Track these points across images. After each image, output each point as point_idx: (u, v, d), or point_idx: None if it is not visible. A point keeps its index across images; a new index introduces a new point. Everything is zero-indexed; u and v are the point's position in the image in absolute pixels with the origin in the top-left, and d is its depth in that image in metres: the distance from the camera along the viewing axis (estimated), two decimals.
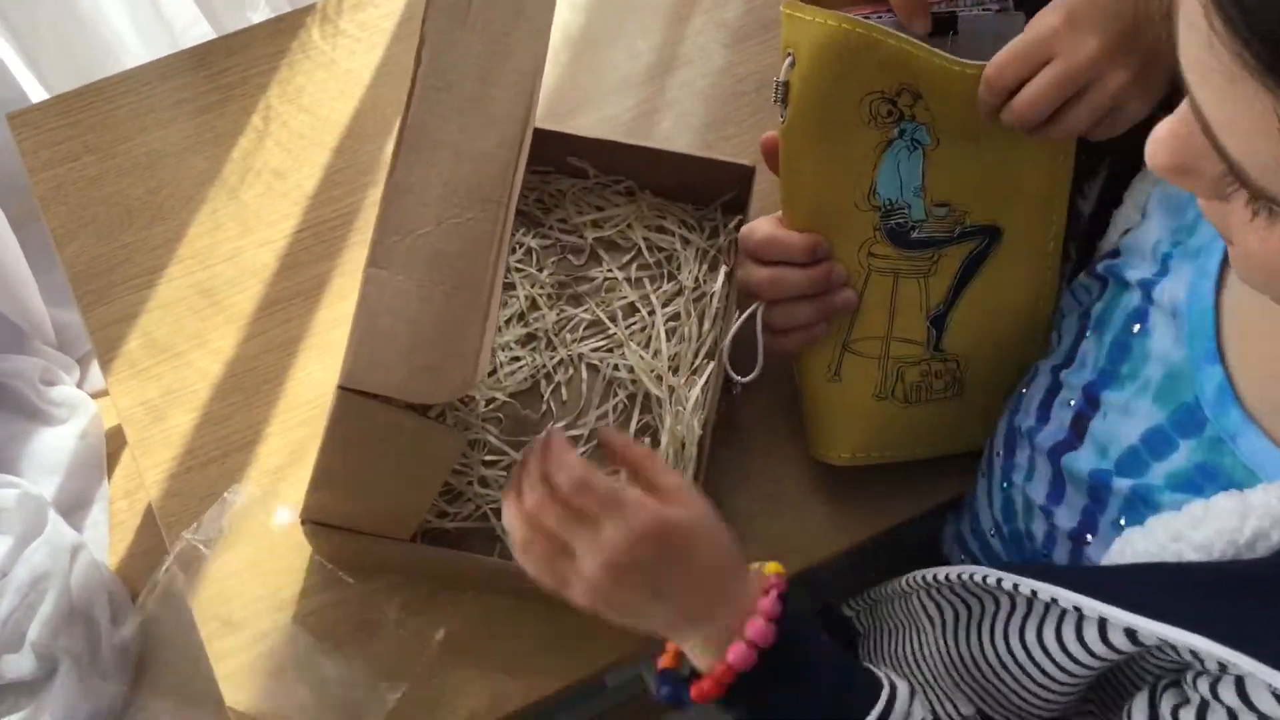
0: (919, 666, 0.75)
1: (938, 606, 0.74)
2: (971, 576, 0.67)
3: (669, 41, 1.06)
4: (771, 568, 0.67)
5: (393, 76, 1.03)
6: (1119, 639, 0.57)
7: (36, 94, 1.41)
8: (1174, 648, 0.55)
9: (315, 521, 0.77)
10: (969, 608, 0.71)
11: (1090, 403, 0.70)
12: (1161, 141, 0.47)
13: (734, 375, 0.82)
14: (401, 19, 1.06)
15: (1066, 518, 0.69)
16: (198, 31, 1.44)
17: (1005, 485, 0.76)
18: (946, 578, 0.70)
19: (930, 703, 0.70)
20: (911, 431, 0.83)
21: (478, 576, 0.81)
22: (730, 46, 1.05)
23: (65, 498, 1.40)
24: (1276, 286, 0.47)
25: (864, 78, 0.72)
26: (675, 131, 1.01)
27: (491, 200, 0.67)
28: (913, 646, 0.77)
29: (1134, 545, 0.60)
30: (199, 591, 0.82)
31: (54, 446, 1.42)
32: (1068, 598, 0.59)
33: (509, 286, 0.92)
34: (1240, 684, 0.53)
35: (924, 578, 0.73)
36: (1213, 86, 0.40)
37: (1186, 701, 0.57)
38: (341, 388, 0.63)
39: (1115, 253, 0.74)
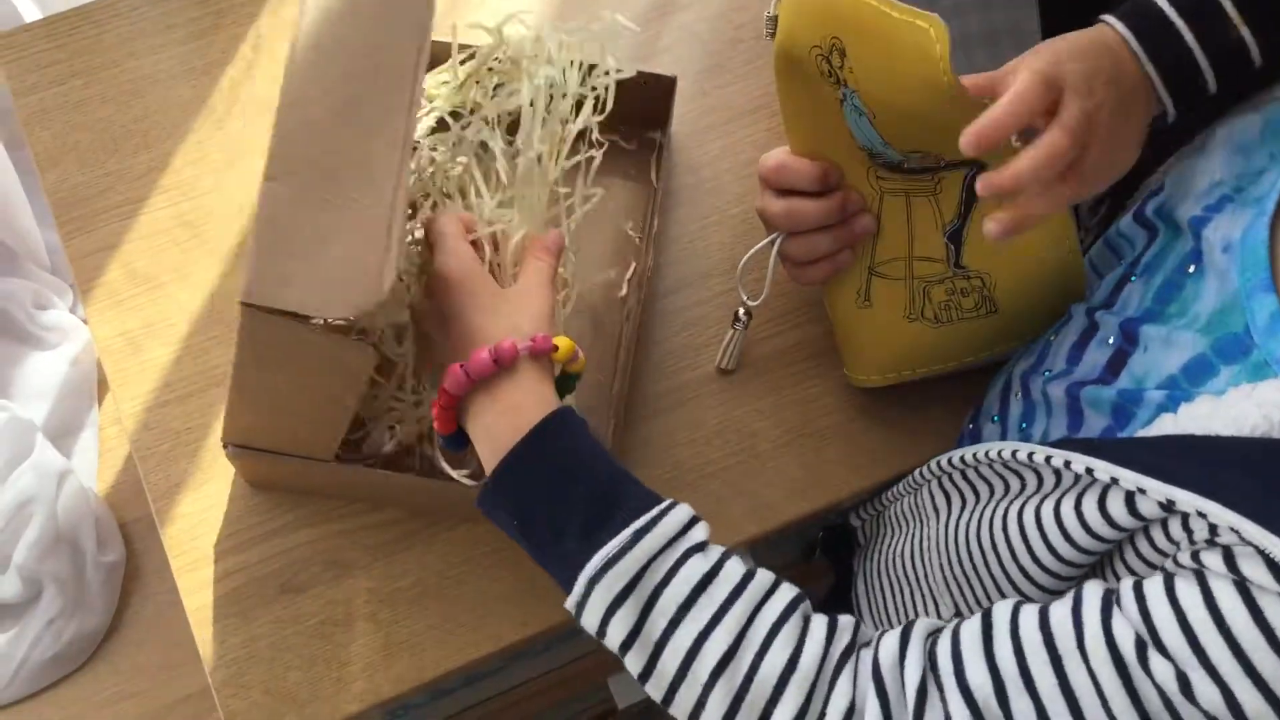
0: (914, 564, 0.76)
1: (946, 496, 0.74)
2: (1001, 454, 0.66)
3: None
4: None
5: None
6: (1149, 508, 0.56)
7: (31, 14, 1.39)
8: (1184, 521, 0.54)
9: (236, 444, 0.76)
10: (977, 493, 0.70)
11: (1129, 339, 0.68)
12: None
13: (745, 298, 0.83)
14: None
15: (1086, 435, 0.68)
16: None
17: (1024, 425, 0.75)
18: (975, 456, 0.69)
19: (915, 606, 0.75)
20: (944, 349, 0.82)
21: (400, 495, 0.81)
22: None
23: (55, 423, 1.40)
24: None
25: (807, 27, 0.71)
26: None
27: (394, 108, 0.64)
28: (912, 544, 0.77)
29: (1164, 428, 0.59)
30: (170, 525, 0.82)
31: (45, 371, 1.41)
32: (1104, 468, 0.57)
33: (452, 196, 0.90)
34: (1229, 552, 0.51)
35: (950, 460, 0.72)
36: None
37: (1152, 574, 0.56)
38: (244, 304, 0.61)
39: (1159, 189, 0.71)
